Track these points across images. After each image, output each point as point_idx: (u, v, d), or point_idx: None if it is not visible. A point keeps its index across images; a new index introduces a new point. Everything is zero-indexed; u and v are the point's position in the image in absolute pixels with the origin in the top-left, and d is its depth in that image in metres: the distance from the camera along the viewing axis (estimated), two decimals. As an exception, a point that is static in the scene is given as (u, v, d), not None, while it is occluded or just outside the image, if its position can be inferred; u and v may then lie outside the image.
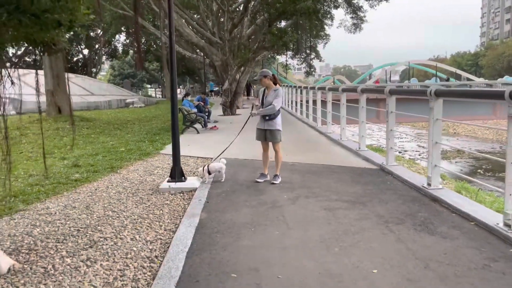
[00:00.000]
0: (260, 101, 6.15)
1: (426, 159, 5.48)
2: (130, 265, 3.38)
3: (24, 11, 2.71)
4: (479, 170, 18.29)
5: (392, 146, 6.70)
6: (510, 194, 3.67)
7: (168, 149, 9.41)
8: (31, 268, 3.38)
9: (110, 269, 3.31)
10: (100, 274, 3.22)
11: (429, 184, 5.20)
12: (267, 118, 5.98)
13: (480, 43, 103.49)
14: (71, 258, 3.56)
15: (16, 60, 4.95)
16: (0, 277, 3.24)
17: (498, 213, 3.96)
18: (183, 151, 8.37)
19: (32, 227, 4.49)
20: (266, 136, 6.07)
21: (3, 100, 3.55)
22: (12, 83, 3.68)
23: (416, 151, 22.96)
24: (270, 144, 6.13)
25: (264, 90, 6.15)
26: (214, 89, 42.23)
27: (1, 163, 3.72)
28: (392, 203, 4.83)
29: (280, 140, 6.09)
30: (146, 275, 3.20)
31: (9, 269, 3.37)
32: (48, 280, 3.14)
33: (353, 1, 24.67)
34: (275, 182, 5.91)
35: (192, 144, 10.28)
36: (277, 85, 6.16)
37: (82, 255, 3.62)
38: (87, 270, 3.31)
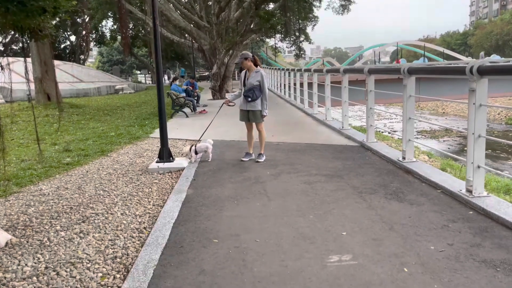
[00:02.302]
0: (242, 83, 6.27)
1: (417, 139, 5.65)
2: (120, 235, 3.65)
3: (10, -2, 2.89)
4: (465, 148, 18.70)
5: (372, 124, 6.98)
6: (472, 163, 3.96)
7: (158, 133, 9.57)
8: (27, 242, 3.63)
9: (102, 240, 3.57)
10: (92, 244, 3.48)
11: (403, 158, 5.50)
12: (249, 99, 6.13)
13: (470, 22, 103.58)
14: (65, 231, 3.82)
15: (3, 49, 5.09)
16: (-2, 251, 3.48)
17: (463, 180, 4.26)
18: (172, 134, 8.61)
19: (26, 206, 4.71)
20: (249, 116, 6.25)
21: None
22: (2, 68, 3.86)
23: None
24: (254, 124, 6.36)
25: (245, 72, 6.27)
26: (183, 75, 42.01)
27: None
28: (368, 176, 5.13)
29: (262, 120, 6.28)
30: (135, 243, 3.47)
31: (6, 243, 3.61)
32: (44, 251, 3.40)
33: (340, -18, 24.69)
34: (259, 160, 6.17)
35: (181, 128, 10.49)
36: (258, 66, 6.26)
37: (75, 228, 3.88)
38: (80, 241, 3.57)
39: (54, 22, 4.07)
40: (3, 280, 2.91)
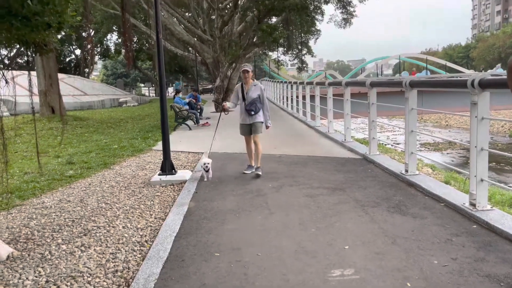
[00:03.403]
0: (241, 97, 6.23)
1: (420, 151, 5.65)
2: (122, 249, 3.64)
3: (15, 14, 2.94)
4: (469, 161, 18.60)
5: (374, 136, 6.98)
6: (475, 176, 3.94)
7: (160, 145, 9.62)
8: (29, 255, 3.62)
9: (103, 253, 3.56)
10: (93, 258, 3.47)
11: (406, 171, 5.48)
12: (252, 113, 6.12)
13: (472, 35, 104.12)
14: (66, 245, 3.81)
15: (8, 62, 5.15)
16: (0, 264, 3.47)
17: (467, 194, 4.23)
18: (175, 147, 8.63)
19: (28, 219, 4.71)
20: (251, 129, 6.25)
21: (-1, 99, 3.77)
22: (7, 82, 3.90)
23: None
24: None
25: (242, 85, 6.28)
26: (178, 88, 42.25)
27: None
28: (370, 189, 5.10)
29: (261, 132, 6.31)
30: (136, 257, 3.46)
31: (8, 256, 3.60)
32: (45, 264, 3.39)
33: (342, -4, 24.91)
34: (259, 173, 6.16)
35: (184, 140, 10.52)
36: (254, 79, 6.40)
37: (76, 242, 3.87)
38: (81, 254, 3.56)
39: (59, 36, 4.11)
40: (3, 294, 2.90)
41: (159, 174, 6.28)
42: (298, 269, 3.00)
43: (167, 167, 6.26)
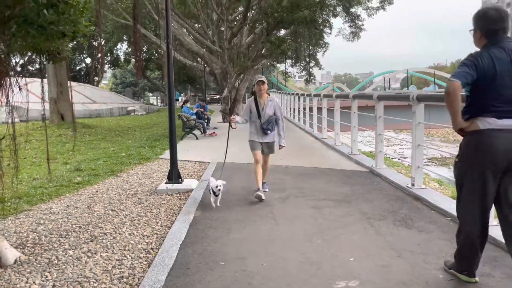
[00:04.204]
0: (256, 113, 5.58)
1: (427, 166, 5.74)
2: (128, 255, 3.66)
3: (31, 23, 3.02)
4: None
5: (381, 150, 6.98)
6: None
7: (167, 154, 9.70)
8: (36, 259, 3.66)
9: (109, 259, 3.59)
10: (100, 264, 3.50)
11: (413, 184, 5.47)
12: (269, 132, 5.55)
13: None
14: (73, 250, 3.84)
15: (20, 69, 5.25)
16: (7, 268, 3.51)
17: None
18: (182, 156, 8.67)
19: (36, 224, 4.76)
20: (263, 148, 5.65)
21: (11, 105, 3.85)
22: (20, 89, 3.98)
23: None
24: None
25: (255, 99, 5.63)
26: (179, 98, 43.25)
27: (6, 167, 4.01)
28: (376, 202, 5.10)
29: (274, 152, 5.80)
30: (142, 264, 3.48)
31: (15, 260, 3.64)
32: (52, 269, 3.42)
33: (351, 10, 25.08)
34: (266, 190, 5.75)
35: (191, 149, 10.58)
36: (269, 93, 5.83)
37: (83, 247, 3.90)
38: (88, 260, 3.59)
39: (70, 45, 4.20)
40: (10, 297, 2.93)
41: (166, 183, 6.32)
42: (303, 280, 3.01)
43: (174, 176, 6.31)
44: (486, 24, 2.74)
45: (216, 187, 5.05)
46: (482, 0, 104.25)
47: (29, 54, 4.33)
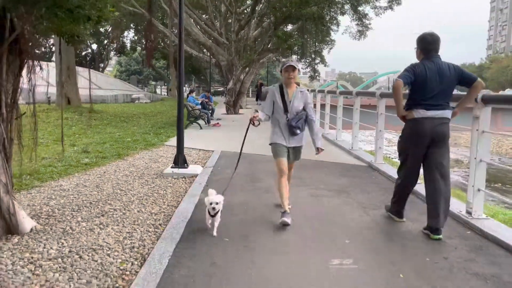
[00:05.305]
0: (281, 106, 4.31)
1: None
2: (137, 229, 3.91)
3: (60, 6, 3.25)
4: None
5: (381, 146, 7.21)
6: (472, 186, 4.17)
7: (172, 141, 9.97)
8: (51, 229, 3.91)
9: (120, 232, 3.84)
10: (111, 235, 3.75)
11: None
12: (298, 131, 4.30)
13: (486, 56, 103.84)
14: (85, 222, 4.09)
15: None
16: (24, 235, 3.76)
17: (463, 203, 4.46)
18: (186, 143, 8.86)
19: (48, 199, 5.01)
20: (290, 155, 4.40)
21: (33, 85, 4.07)
22: (41, 68, 4.21)
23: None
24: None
25: (282, 88, 4.36)
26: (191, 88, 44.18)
27: (19, 145, 4.24)
28: (373, 193, 5.34)
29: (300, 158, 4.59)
30: (151, 237, 3.73)
31: (31, 229, 3.89)
32: (67, 237, 3.67)
33: (359, 8, 25.19)
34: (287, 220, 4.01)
35: (195, 138, 10.81)
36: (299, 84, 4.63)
37: (95, 221, 4.15)
38: (100, 231, 3.84)
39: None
40: (30, 259, 3.18)
41: (172, 167, 6.56)
42: (302, 256, 3.25)
43: (180, 161, 6.55)
44: (423, 45, 3.94)
45: (211, 204, 3.70)
46: (491, 5, 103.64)
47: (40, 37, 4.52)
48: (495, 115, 30.60)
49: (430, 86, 3.77)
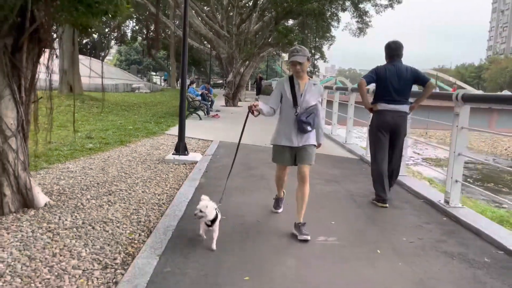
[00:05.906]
0: (291, 99, 3.77)
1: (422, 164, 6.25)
2: (143, 207, 4.28)
3: (80, 1, 3.58)
4: (468, 180, 19.16)
5: (372, 140, 7.57)
6: (451, 177, 4.55)
7: (173, 130, 10.33)
8: (64, 204, 4.26)
9: (127, 208, 4.20)
10: (119, 211, 4.11)
11: (396, 171, 6.09)
12: (309, 128, 3.74)
13: (486, 57, 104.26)
14: (95, 200, 4.45)
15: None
16: (39, 209, 4.11)
17: (442, 193, 4.85)
18: (186, 133, 9.23)
19: (57, 179, 5.36)
20: (297, 157, 3.82)
21: (51, 71, 4.40)
22: (57, 56, 4.55)
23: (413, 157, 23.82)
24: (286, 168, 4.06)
25: (291, 80, 3.81)
26: (167, 79, 45.06)
27: (35, 127, 4.58)
28: (362, 183, 5.72)
29: (313, 162, 3.85)
30: (155, 213, 4.10)
31: (45, 204, 4.24)
32: (79, 212, 4.03)
33: (359, 6, 25.47)
34: (307, 237, 3.54)
35: (195, 128, 11.15)
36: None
37: (103, 198, 4.51)
38: (109, 208, 4.20)
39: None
40: (48, 228, 3.54)
41: (173, 154, 6.92)
42: (290, 236, 3.62)
43: (181, 148, 6.90)
44: (388, 51, 4.83)
45: (200, 211, 3.26)
46: (492, 6, 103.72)
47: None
48: (490, 116, 31.08)
49: (389, 85, 4.66)
